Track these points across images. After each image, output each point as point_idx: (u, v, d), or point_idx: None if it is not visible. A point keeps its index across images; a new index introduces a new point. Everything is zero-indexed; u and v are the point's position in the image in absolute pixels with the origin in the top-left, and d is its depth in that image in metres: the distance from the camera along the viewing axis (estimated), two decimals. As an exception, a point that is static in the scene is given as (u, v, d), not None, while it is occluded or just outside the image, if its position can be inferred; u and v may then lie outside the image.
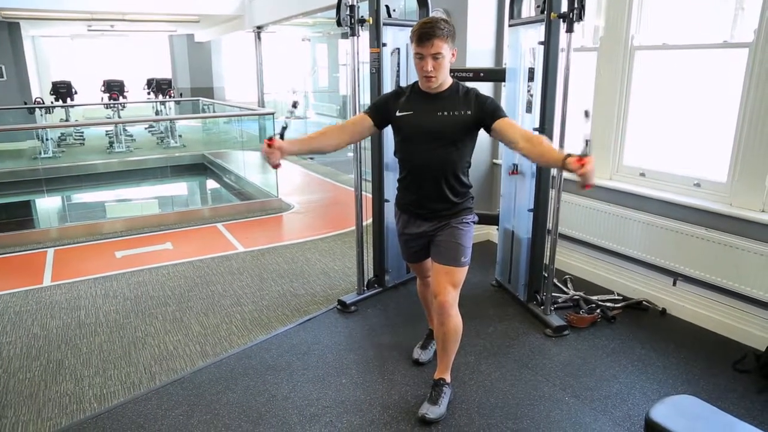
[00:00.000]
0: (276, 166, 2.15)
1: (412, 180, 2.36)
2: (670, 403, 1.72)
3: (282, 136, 2.15)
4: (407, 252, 2.57)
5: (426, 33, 2.10)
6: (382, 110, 2.34)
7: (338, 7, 3.10)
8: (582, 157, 1.84)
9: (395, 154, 2.41)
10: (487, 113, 2.21)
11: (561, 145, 2.95)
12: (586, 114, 2.04)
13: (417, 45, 2.13)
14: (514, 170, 3.47)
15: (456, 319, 2.33)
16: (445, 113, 2.22)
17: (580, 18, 2.75)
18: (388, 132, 2.48)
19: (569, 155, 1.90)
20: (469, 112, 2.21)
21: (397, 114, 2.29)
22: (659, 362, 2.83)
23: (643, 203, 3.42)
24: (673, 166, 3.40)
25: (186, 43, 16.13)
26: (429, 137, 2.24)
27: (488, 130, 2.23)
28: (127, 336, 3.20)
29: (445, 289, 2.29)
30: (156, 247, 4.78)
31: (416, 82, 2.31)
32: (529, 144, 2.11)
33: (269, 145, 2.12)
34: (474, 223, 2.41)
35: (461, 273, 2.34)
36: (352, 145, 3.36)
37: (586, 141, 1.91)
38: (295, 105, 2.33)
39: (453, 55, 2.19)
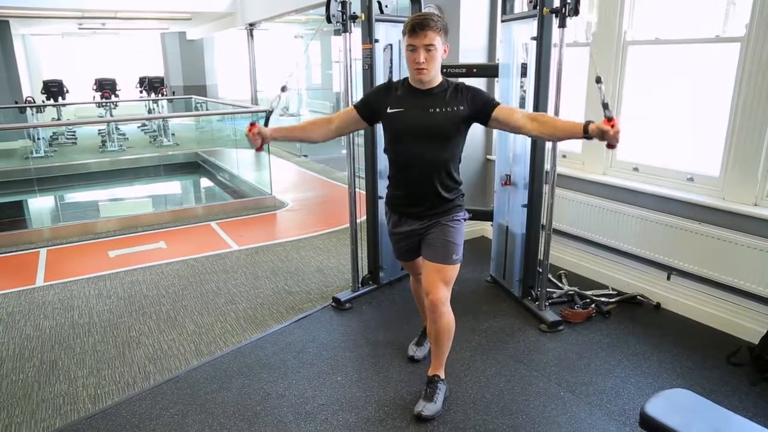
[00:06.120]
0: (258, 149, 2.25)
1: (402, 178, 2.33)
2: (664, 397, 1.73)
3: (267, 121, 2.28)
4: (398, 250, 2.54)
5: (419, 23, 2.09)
6: (370, 105, 2.32)
7: (328, 3, 3.09)
8: (610, 119, 1.91)
9: (385, 151, 2.38)
10: (481, 105, 2.20)
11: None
12: (598, 80, 2.10)
13: (410, 36, 2.12)
14: (507, 181, 3.46)
15: (448, 317, 2.32)
16: (437, 110, 2.19)
17: (575, 12, 2.74)
18: (381, 128, 2.46)
19: (590, 122, 1.97)
20: (462, 108, 2.19)
21: (388, 111, 2.26)
22: (654, 356, 2.84)
23: (636, 198, 3.43)
24: (666, 161, 3.41)
25: (178, 41, 16.03)
26: (420, 135, 2.22)
27: (486, 122, 2.21)
28: (121, 336, 3.18)
29: (437, 286, 2.28)
30: (149, 246, 4.76)
31: (407, 78, 2.28)
32: (536, 123, 2.14)
33: (250, 130, 2.23)
34: (465, 220, 2.39)
35: (453, 270, 2.32)
36: (346, 142, 3.38)
37: (605, 104, 1.98)
38: (284, 89, 2.45)
39: (445, 50, 2.19)
